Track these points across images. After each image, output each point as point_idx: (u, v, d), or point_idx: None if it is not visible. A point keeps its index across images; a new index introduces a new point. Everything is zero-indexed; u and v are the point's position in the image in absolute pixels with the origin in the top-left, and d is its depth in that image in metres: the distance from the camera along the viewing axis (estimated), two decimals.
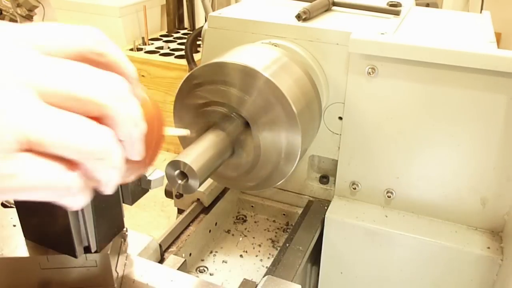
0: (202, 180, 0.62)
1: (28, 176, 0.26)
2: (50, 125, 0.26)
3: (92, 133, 0.27)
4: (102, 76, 0.29)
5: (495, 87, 0.72)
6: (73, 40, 0.30)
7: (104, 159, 0.28)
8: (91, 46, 0.31)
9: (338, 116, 0.85)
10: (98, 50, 0.31)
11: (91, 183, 0.29)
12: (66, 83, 0.27)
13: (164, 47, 2.84)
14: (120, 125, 0.29)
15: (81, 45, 0.30)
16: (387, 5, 0.94)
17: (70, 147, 0.27)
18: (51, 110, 0.27)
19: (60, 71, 0.28)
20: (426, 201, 0.84)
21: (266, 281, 0.64)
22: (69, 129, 0.27)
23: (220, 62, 0.68)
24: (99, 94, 0.28)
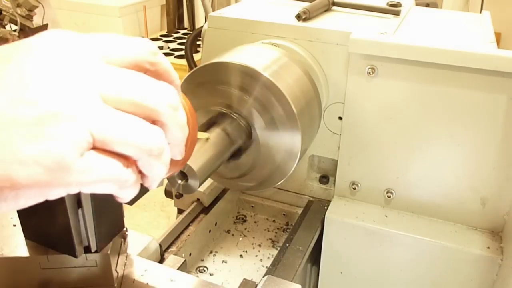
0: (202, 180, 0.62)
1: (96, 171, 0.29)
2: (115, 125, 0.29)
3: (149, 132, 0.31)
4: (158, 86, 0.33)
5: (495, 87, 0.72)
6: (131, 51, 0.34)
7: (158, 156, 0.32)
8: (146, 56, 0.34)
9: (338, 116, 0.85)
10: (152, 60, 0.34)
11: (141, 178, 0.33)
12: (128, 90, 0.31)
13: (164, 47, 2.85)
14: (170, 129, 0.33)
15: (138, 55, 0.34)
16: (387, 5, 0.94)
17: (132, 144, 0.30)
18: (115, 113, 0.30)
19: (122, 79, 0.31)
20: (426, 201, 0.84)
21: (266, 281, 0.64)
22: (131, 129, 0.30)
23: (220, 62, 0.68)
24: (155, 102, 0.31)
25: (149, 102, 0.31)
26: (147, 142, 0.31)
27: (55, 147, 0.27)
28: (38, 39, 0.31)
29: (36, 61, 0.29)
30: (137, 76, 0.32)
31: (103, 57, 0.32)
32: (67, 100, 0.28)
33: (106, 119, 0.29)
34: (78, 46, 0.32)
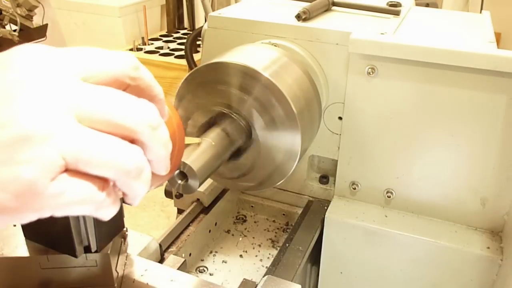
0: (202, 180, 0.62)
1: (69, 195, 0.28)
2: (90, 147, 0.28)
3: (126, 153, 0.30)
4: (136, 104, 0.31)
5: (495, 87, 0.72)
6: (110, 66, 0.32)
7: (137, 176, 0.31)
8: (127, 71, 0.33)
9: (338, 116, 0.85)
10: (133, 75, 0.33)
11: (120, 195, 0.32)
12: (103, 109, 0.30)
13: (164, 47, 2.84)
14: (151, 148, 0.32)
15: (117, 70, 0.32)
16: (387, 5, 0.94)
17: (107, 166, 0.29)
18: (90, 133, 0.29)
19: (98, 97, 0.30)
20: (426, 201, 0.84)
21: (266, 281, 0.64)
22: (106, 150, 0.29)
23: (220, 62, 0.68)
24: (133, 121, 0.30)
25: (126, 121, 0.30)
26: (124, 163, 0.30)
27: (24, 173, 0.26)
28: (11, 55, 0.30)
29: (8, 80, 0.28)
30: (114, 93, 0.31)
31: (79, 74, 0.31)
32: (39, 122, 0.27)
33: (80, 140, 0.28)
34: (53, 62, 0.30)
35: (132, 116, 0.31)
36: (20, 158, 0.26)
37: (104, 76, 0.32)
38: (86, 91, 0.30)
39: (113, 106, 0.30)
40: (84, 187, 0.29)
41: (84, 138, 0.28)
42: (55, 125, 0.28)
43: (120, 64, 0.33)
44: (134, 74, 0.33)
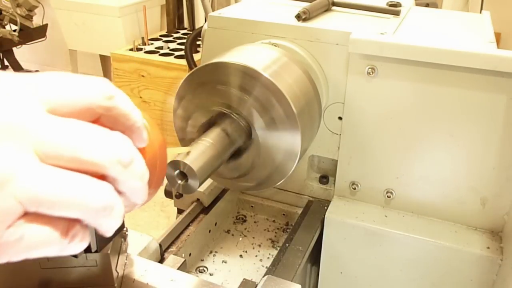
0: (202, 180, 0.62)
1: (30, 240, 0.27)
2: (52, 189, 0.26)
3: (93, 191, 0.28)
4: (106, 138, 0.29)
5: (495, 87, 0.72)
6: (80, 95, 0.30)
7: (106, 214, 0.29)
8: (99, 101, 0.31)
9: (338, 116, 0.85)
10: (106, 105, 0.31)
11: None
12: (68, 145, 0.28)
13: (164, 47, 2.84)
14: (123, 182, 0.30)
15: (87, 101, 0.30)
16: (387, 5, 0.94)
17: (71, 207, 0.27)
18: (52, 173, 0.27)
19: (63, 132, 0.28)
20: (426, 201, 0.84)
21: (266, 280, 0.64)
22: (70, 191, 0.27)
23: (220, 62, 0.68)
24: (101, 157, 0.28)
25: (93, 158, 0.28)
26: (90, 203, 0.28)
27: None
28: None
29: None
30: (82, 127, 0.29)
31: (45, 104, 0.29)
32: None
33: (40, 182, 0.26)
34: (15, 93, 0.28)
35: (100, 152, 0.28)
36: None
37: (73, 107, 0.30)
38: (50, 125, 0.28)
39: (79, 142, 0.28)
40: (44, 232, 0.27)
41: (45, 180, 0.26)
42: (12, 168, 0.26)
43: (91, 93, 0.31)
44: (107, 103, 0.31)
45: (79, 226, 0.29)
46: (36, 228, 0.27)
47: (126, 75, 2.79)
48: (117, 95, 0.32)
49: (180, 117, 0.74)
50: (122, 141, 0.30)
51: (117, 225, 0.30)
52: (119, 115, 0.32)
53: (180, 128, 0.75)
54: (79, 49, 3.33)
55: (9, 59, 3.50)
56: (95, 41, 3.13)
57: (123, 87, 2.84)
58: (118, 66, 2.80)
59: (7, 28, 3.24)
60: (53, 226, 0.27)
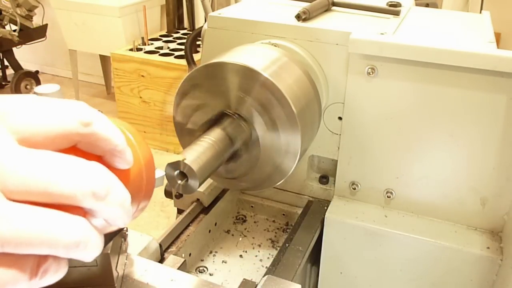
0: (201, 181, 0.62)
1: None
2: (17, 228, 0.25)
3: (63, 227, 0.26)
4: (79, 168, 0.28)
5: (495, 87, 0.72)
6: (55, 123, 0.28)
7: (80, 248, 0.27)
8: (75, 128, 0.29)
9: (338, 116, 0.85)
10: (83, 132, 0.29)
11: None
12: (36, 180, 0.26)
13: (163, 47, 2.85)
14: (99, 214, 0.29)
15: (63, 128, 0.29)
16: (387, 5, 0.94)
17: (40, 246, 0.26)
18: (18, 210, 0.25)
19: (30, 166, 0.26)
20: (426, 201, 0.84)
21: (266, 280, 0.64)
22: (38, 229, 0.25)
23: (220, 62, 0.68)
24: (73, 191, 0.27)
25: (62, 191, 0.26)
26: (59, 240, 0.26)
27: None
28: None
29: None
30: (51, 159, 0.27)
31: (14, 133, 0.27)
32: None
33: (3, 221, 0.25)
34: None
35: (71, 184, 0.27)
36: None
37: (46, 135, 0.28)
38: (16, 158, 0.26)
39: (48, 175, 0.26)
40: (10, 274, 0.26)
41: (9, 218, 0.25)
42: None
43: (66, 120, 0.29)
44: (84, 131, 0.29)
45: (52, 259, 0.28)
46: (1, 270, 0.25)
47: (126, 75, 2.79)
48: (94, 120, 0.30)
49: (180, 117, 0.74)
50: (96, 171, 0.28)
51: (96, 254, 0.29)
52: (98, 140, 0.30)
53: (180, 128, 0.75)
54: (79, 49, 3.34)
55: (9, 59, 3.50)
56: (95, 41, 3.13)
57: (123, 87, 2.84)
58: (118, 66, 2.80)
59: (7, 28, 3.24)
60: (20, 266, 0.26)
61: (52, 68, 4.23)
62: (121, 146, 0.32)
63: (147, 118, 2.86)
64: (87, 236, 0.27)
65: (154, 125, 2.86)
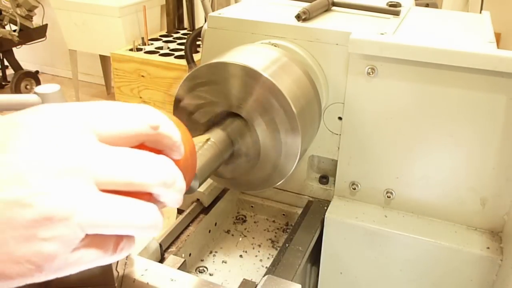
0: (202, 181, 0.62)
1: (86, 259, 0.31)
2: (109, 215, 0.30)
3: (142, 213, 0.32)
4: (153, 163, 0.33)
5: (495, 87, 0.72)
6: (129, 126, 0.34)
7: (151, 231, 0.33)
8: (145, 131, 0.34)
9: (338, 116, 0.85)
10: (151, 133, 0.35)
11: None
12: (121, 173, 0.31)
13: (163, 47, 2.84)
14: (164, 198, 0.35)
15: (136, 131, 0.34)
16: (387, 5, 0.95)
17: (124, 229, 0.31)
18: (109, 200, 0.31)
19: (116, 161, 0.31)
20: (426, 201, 0.84)
21: (267, 280, 0.64)
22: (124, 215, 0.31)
23: (220, 62, 0.68)
24: (150, 181, 0.32)
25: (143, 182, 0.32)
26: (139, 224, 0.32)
27: (47, 249, 0.28)
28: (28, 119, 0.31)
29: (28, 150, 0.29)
30: (131, 154, 0.33)
31: (96, 134, 0.32)
32: (60, 201, 0.29)
33: (99, 210, 0.30)
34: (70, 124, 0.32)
35: (149, 176, 0.32)
36: (43, 236, 0.28)
37: (122, 136, 0.33)
38: (104, 155, 0.31)
39: (131, 169, 0.32)
40: (98, 252, 0.31)
41: (102, 207, 0.30)
42: (74, 202, 0.29)
43: (138, 123, 0.34)
44: (153, 133, 0.35)
45: (126, 238, 0.33)
46: (92, 250, 0.31)
47: (126, 75, 2.79)
48: (161, 123, 0.36)
49: (180, 117, 0.74)
50: (166, 164, 0.34)
51: (158, 233, 0.34)
52: (162, 139, 0.36)
53: None
54: (79, 49, 3.33)
55: (9, 59, 3.50)
56: (95, 41, 3.13)
57: (123, 87, 2.84)
58: (118, 66, 2.80)
59: (7, 28, 3.24)
60: (105, 245, 0.32)
61: (52, 68, 4.23)
62: (178, 143, 0.38)
63: None
64: (157, 220, 0.33)
65: None
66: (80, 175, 0.30)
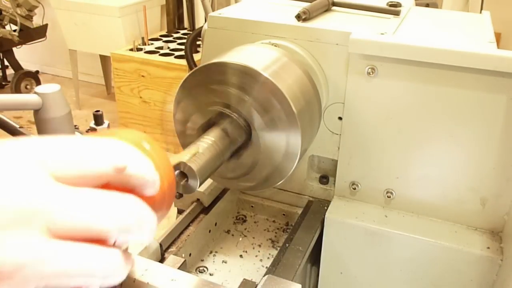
0: (202, 180, 0.62)
1: None
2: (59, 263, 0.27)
3: (101, 261, 0.29)
4: (114, 206, 0.30)
5: (495, 87, 0.72)
6: (90, 168, 0.31)
7: (112, 278, 0.30)
8: (109, 172, 0.31)
9: (338, 116, 0.85)
10: (117, 175, 0.31)
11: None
12: (77, 217, 0.28)
13: (164, 47, 2.85)
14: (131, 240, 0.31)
15: (98, 172, 0.31)
16: (387, 5, 0.94)
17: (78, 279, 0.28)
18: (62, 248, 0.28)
19: (70, 203, 0.28)
20: (426, 201, 0.84)
21: (267, 280, 0.64)
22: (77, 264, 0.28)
23: (220, 62, 0.68)
24: (110, 227, 0.29)
25: (103, 229, 0.29)
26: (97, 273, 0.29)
27: None
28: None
29: None
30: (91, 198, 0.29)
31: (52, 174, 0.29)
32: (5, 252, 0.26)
33: (50, 260, 0.27)
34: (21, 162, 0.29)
35: (111, 222, 0.29)
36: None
37: (83, 179, 0.30)
38: (59, 198, 0.28)
39: (87, 213, 0.29)
40: None
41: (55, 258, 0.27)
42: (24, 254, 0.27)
43: (102, 165, 0.31)
44: (119, 175, 0.32)
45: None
46: None
47: (126, 75, 2.79)
48: (129, 164, 0.32)
49: (180, 117, 0.74)
50: (130, 207, 0.31)
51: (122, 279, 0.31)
52: (130, 179, 0.32)
53: (180, 128, 0.75)
54: (79, 49, 3.33)
55: (9, 59, 3.50)
56: (95, 41, 3.13)
57: (123, 87, 2.85)
58: (118, 66, 2.80)
59: (7, 28, 3.24)
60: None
61: (52, 68, 4.23)
62: (151, 181, 0.34)
63: (147, 118, 2.86)
64: (120, 268, 0.30)
65: (154, 125, 2.86)
66: (29, 221, 0.27)
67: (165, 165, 0.39)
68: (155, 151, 0.38)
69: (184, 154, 0.61)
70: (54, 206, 0.28)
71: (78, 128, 0.75)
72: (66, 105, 0.69)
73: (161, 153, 0.39)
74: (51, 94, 0.66)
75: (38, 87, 0.67)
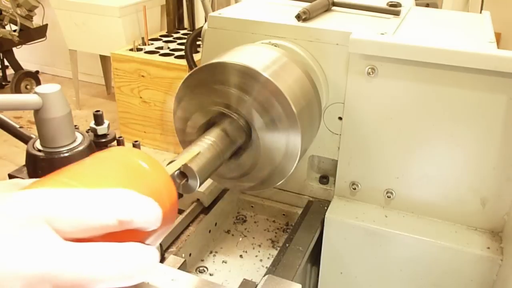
0: (201, 180, 0.62)
1: None
2: None
3: None
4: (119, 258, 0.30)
5: (495, 87, 0.72)
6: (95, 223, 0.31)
7: None
8: (113, 225, 0.31)
9: (338, 116, 0.85)
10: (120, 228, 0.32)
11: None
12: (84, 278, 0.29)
13: (164, 47, 2.84)
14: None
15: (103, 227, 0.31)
16: (387, 5, 0.94)
17: None
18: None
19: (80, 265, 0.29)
20: (426, 201, 0.84)
21: (267, 280, 0.64)
22: None
23: (220, 62, 0.68)
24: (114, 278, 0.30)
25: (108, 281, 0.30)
26: None
27: None
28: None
29: None
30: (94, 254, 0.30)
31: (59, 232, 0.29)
32: None
33: None
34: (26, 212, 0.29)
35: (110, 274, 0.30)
36: None
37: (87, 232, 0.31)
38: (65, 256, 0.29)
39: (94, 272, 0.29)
40: None
41: None
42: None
43: (106, 218, 0.31)
44: (121, 226, 0.32)
45: None
46: None
47: (126, 75, 2.79)
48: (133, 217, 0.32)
49: (180, 117, 0.74)
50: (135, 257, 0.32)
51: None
52: (135, 225, 0.33)
53: (180, 128, 0.75)
54: (79, 49, 3.33)
55: (9, 59, 3.50)
56: (95, 41, 3.13)
57: (123, 87, 2.85)
58: (118, 66, 2.80)
59: (7, 28, 3.24)
60: None
61: (52, 68, 4.23)
62: (154, 221, 0.34)
63: (147, 118, 2.86)
64: None
65: (154, 125, 2.86)
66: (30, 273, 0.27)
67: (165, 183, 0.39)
68: (154, 168, 0.37)
69: (184, 154, 0.61)
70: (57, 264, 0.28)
71: (78, 128, 0.75)
72: (66, 105, 0.68)
73: (160, 170, 0.38)
74: (51, 94, 0.66)
75: (38, 87, 0.67)
